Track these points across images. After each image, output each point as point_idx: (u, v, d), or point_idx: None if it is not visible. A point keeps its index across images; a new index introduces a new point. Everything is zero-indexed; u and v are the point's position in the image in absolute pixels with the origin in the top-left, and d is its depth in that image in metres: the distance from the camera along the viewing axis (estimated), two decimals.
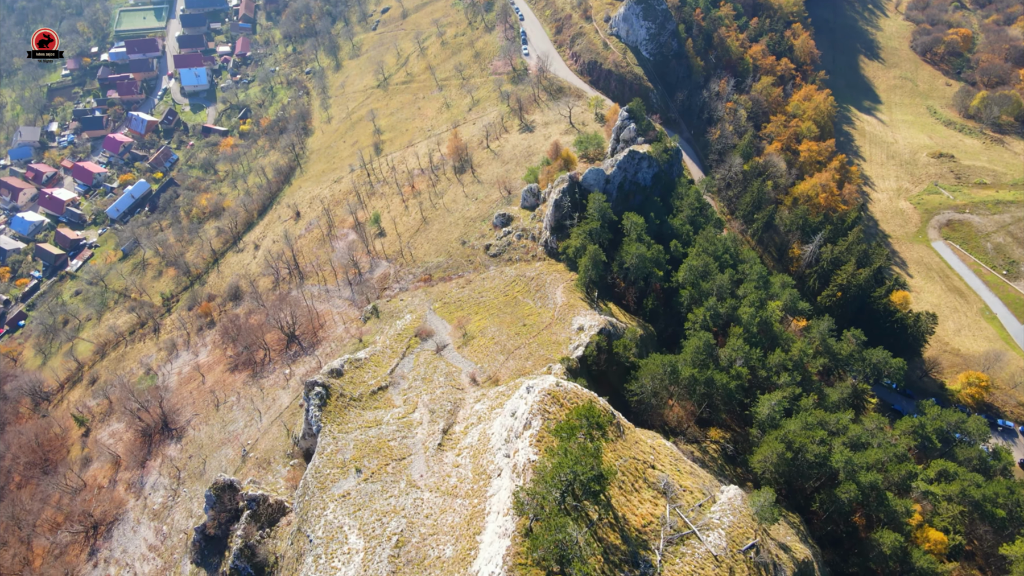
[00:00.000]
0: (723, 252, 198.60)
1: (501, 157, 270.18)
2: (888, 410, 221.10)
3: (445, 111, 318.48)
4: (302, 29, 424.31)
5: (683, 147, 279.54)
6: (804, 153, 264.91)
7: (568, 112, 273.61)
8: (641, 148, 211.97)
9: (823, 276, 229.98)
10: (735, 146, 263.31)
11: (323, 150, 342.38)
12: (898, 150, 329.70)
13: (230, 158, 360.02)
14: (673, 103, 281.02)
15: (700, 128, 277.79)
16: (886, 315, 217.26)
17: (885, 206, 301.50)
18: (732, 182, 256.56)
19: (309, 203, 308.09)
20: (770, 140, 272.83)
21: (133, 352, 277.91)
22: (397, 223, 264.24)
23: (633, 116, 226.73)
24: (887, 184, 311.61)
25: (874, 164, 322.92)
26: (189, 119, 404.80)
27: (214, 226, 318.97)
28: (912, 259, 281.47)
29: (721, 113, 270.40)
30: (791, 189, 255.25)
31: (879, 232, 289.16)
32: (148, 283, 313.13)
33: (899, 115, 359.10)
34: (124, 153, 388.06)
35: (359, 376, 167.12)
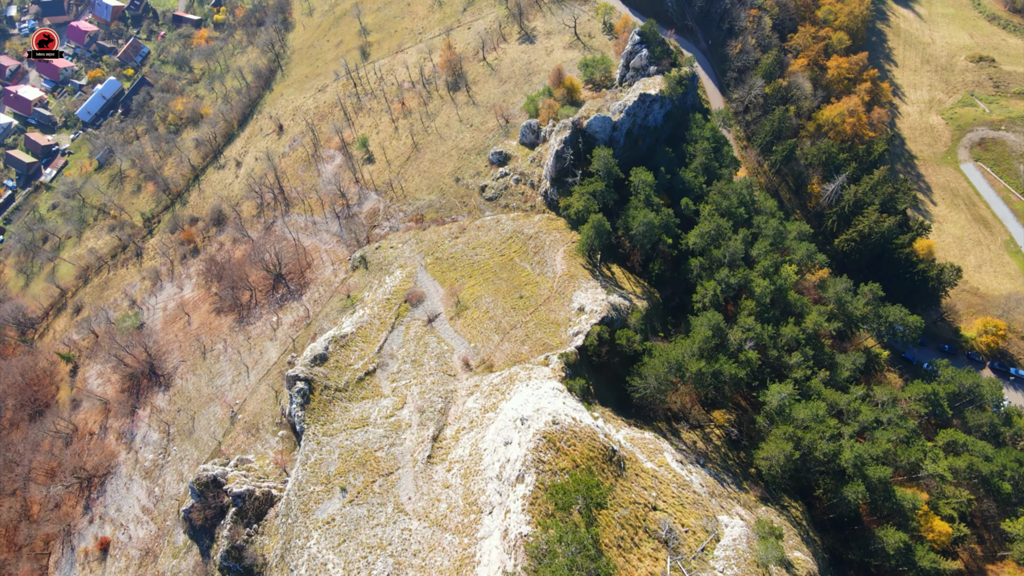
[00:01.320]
0: (738, 205, 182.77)
1: (499, 73, 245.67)
2: (900, 360, 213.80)
3: (437, 9, 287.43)
4: None
5: (699, 59, 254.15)
6: (832, 70, 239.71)
7: (573, 21, 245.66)
8: (653, 84, 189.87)
9: (843, 218, 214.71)
10: (757, 63, 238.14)
11: (305, 50, 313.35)
12: (934, 53, 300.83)
13: (205, 53, 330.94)
14: (691, 9, 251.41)
15: (719, 39, 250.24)
16: (907, 265, 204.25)
17: (915, 121, 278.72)
18: (751, 106, 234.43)
19: (292, 115, 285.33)
20: (796, 54, 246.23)
21: (116, 279, 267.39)
22: (386, 148, 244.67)
23: (645, 40, 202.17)
24: (919, 95, 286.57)
25: (907, 70, 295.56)
26: (158, 3, 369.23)
27: (192, 137, 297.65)
28: (938, 184, 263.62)
29: (743, 23, 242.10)
30: (815, 114, 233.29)
31: (905, 153, 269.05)
32: (127, 199, 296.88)
33: (939, 7, 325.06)
34: (91, 44, 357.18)
35: (345, 358, 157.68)
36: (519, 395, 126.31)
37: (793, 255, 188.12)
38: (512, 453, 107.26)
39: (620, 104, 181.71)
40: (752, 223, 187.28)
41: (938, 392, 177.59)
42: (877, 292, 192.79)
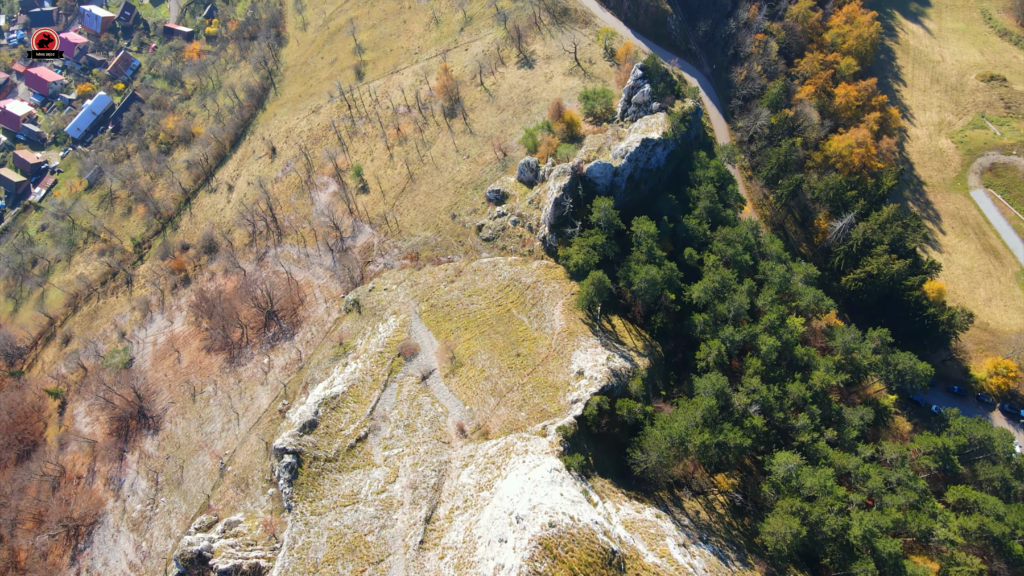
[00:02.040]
0: (743, 251, 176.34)
1: (496, 100, 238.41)
2: (908, 403, 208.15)
3: (434, 29, 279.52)
4: None
5: (703, 84, 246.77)
6: (840, 98, 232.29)
7: (573, 45, 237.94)
8: (655, 126, 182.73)
9: (850, 256, 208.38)
10: (763, 90, 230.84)
11: (299, 66, 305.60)
12: (944, 71, 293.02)
13: (197, 68, 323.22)
14: (694, 33, 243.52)
15: (724, 64, 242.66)
16: (917, 308, 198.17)
17: (924, 145, 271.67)
18: (756, 136, 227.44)
19: (285, 137, 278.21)
20: (802, 80, 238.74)
21: (106, 308, 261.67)
22: (381, 179, 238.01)
23: (648, 75, 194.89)
24: (928, 117, 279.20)
25: (916, 90, 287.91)
26: (149, 13, 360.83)
27: (184, 159, 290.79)
28: (947, 211, 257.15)
29: (749, 48, 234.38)
30: (823, 144, 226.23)
31: (914, 179, 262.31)
32: (117, 222, 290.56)
33: (949, 22, 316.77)
34: (80, 56, 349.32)
35: (335, 423, 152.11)
36: (515, 477, 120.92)
37: (800, 300, 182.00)
38: (507, 559, 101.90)
39: (622, 148, 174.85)
40: (758, 269, 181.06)
41: (948, 446, 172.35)
42: (885, 338, 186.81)
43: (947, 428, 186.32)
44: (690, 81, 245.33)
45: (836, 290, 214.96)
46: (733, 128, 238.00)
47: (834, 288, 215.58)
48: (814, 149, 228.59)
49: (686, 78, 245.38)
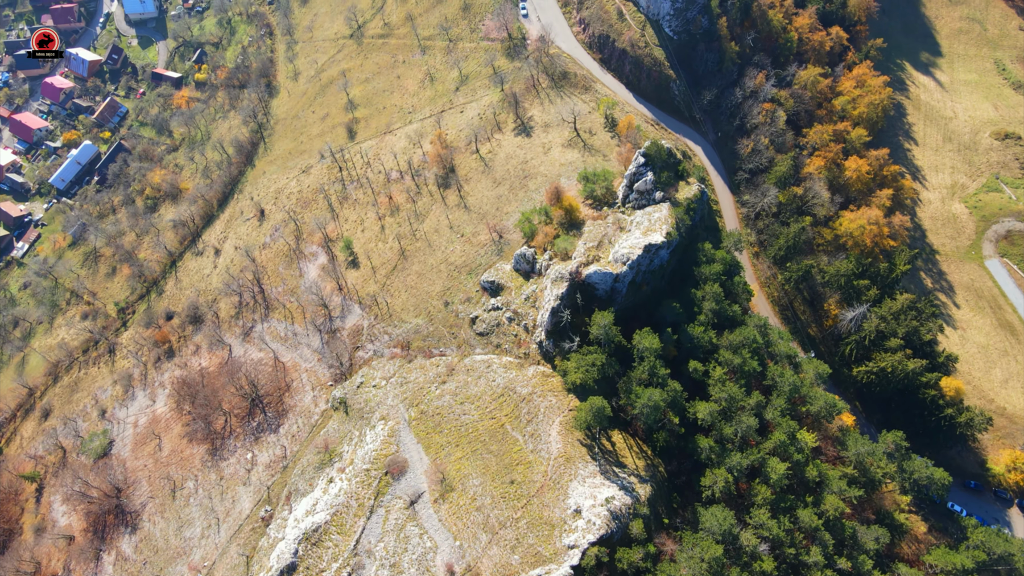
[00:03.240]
0: (751, 358, 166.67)
1: (492, 171, 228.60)
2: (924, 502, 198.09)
3: (428, 86, 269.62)
4: None
5: (707, 152, 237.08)
6: (851, 172, 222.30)
7: (573, 114, 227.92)
8: (658, 223, 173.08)
9: (862, 346, 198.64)
10: (771, 163, 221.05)
11: (290, 120, 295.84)
12: (957, 128, 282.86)
13: (185, 117, 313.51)
14: (699, 101, 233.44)
15: (730, 132, 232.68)
16: (933, 408, 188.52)
17: (936, 210, 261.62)
18: (764, 213, 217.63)
19: (274, 198, 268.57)
20: (811, 151, 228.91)
21: (87, 380, 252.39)
22: (372, 253, 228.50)
23: (650, 163, 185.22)
24: (941, 179, 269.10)
25: (927, 150, 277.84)
26: (137, 57, 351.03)
27: (170, 217, 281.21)
28: (961, 283, 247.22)
29: (756, 120, 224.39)
30: (833, 223, 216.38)
31: (926, 247, 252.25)
32: (101, 283, 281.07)
33: (961, 73, 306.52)
34: (66, 101, 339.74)
35: (316, 562, 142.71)
36: None
37: (810, 404, 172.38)
38: None
39: (623, 254, 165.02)
40: (766, 374, 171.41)
41: (966, 566, 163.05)
42: (901, 443, 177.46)
43: (965, 540, 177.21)
44: (693, 149, 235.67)
45: (847, 379, 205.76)
46: (739, 201, 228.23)
47: (844, 375, 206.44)
48: (824, 226, 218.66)
49: (691, 147, 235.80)
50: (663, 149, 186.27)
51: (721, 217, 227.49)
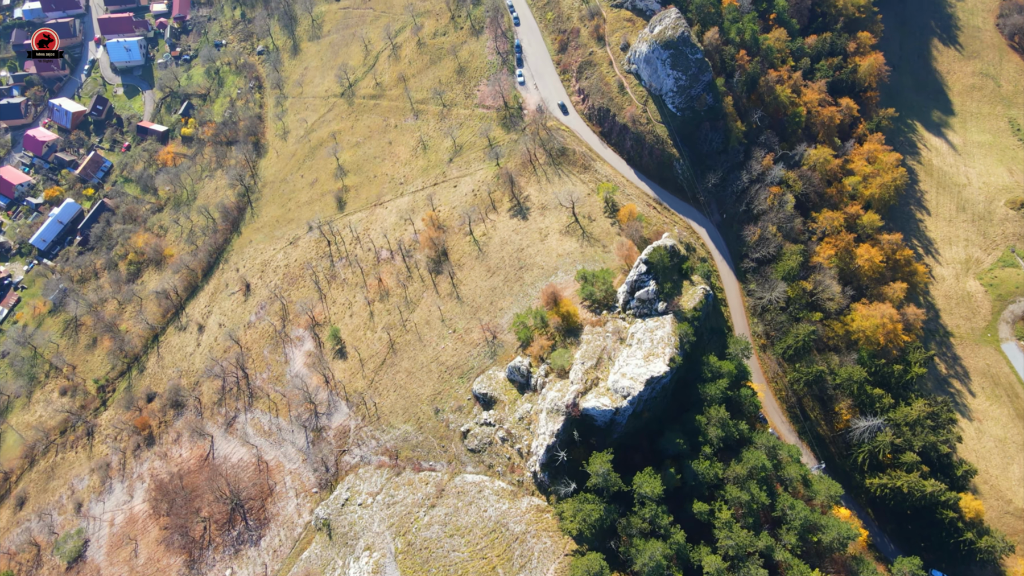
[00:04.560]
0: (760, 490, 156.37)
1: (486, 257, 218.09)
2: None
3: (421, 154, 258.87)
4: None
5: (711, 233, 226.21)
6: (863, 262, 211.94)
7: (571, 198, 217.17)
8: (660, 344, 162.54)
9: (875, 458, 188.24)
10: (779, 252, 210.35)
11: (278, 183, 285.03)
12: (971, 196, 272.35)
13: (171, 175, 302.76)
14: (703, 183, 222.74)
15: (736, 214, 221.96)
16: (951, 530, 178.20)
17: (950, 288, 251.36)
18: (771, 307, 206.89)
19: (260, 271, 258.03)
20: (821, 237, 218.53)
21: (64, 466, 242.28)
22: (360, 344, 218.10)
23: (653, 271, 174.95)
24: (954, 253, 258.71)
25: (940, 220, 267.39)
26: (123, 107, 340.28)
27: (153, 287, 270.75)
28: (976, 368, 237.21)
29: (763, 205, 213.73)
30: (844, 318, 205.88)
31: (940, 328, 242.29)
32: (80, 355, 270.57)
33: (974, 133, 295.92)
34: (49, 154, 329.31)
35: None
36: None
37: (823, 534, 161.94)
38: None
39: (623, 386, 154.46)
40: (776, 505, 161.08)
41: None
42: (917, 571, 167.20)
43: None
44: (697, 231, 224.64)
45: (859, 484, 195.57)
46: (746, 290, 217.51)
47: (856, 482, 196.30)
48: (835, 319, 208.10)
49: (694, 228, 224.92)
50: (666, 256, 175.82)
51: (726, 306, 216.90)
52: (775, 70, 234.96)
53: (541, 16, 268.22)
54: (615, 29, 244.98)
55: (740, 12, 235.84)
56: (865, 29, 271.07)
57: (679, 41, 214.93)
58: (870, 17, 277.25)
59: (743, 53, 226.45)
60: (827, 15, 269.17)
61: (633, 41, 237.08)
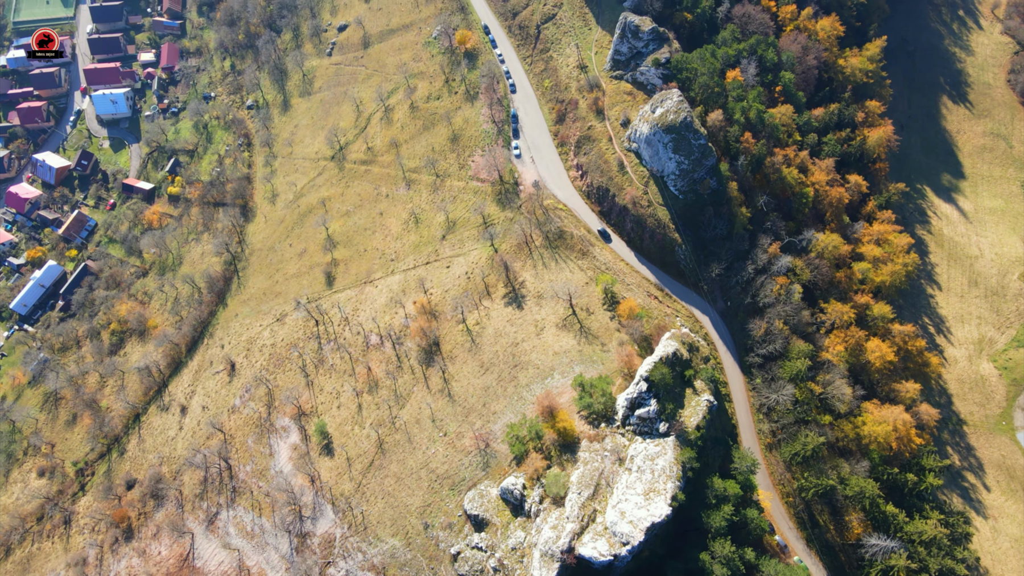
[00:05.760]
0: None
1: (480, 351, 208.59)
2: None
3: (413, 229, 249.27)
4: (241, 40, 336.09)
5: (715, 322, 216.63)
6: (874, 357, 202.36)
7: (568, 291, 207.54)
8: (662, 476, 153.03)
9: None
10: (786, 348, 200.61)
11: (265, 251, 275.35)
12: (983, 270, 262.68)
13: (157, 237, 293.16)
14: (706, 271, 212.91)
15: (741, 304, 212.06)
16: None
17: (963, 371, 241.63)
18: (777, 409, 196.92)
19: (246, 349, 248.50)
20: (830, 329, 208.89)
21: (39, 558, 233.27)
22: (347, 442, 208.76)
23: (654, 388, 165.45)
24: (967, 332, 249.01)
25: (952, 296, 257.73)
26: (108, 161, 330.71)
27: (135, 363, 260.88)
28: (991, 460, 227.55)
29: (769, 298, 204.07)
30: (855, 420, 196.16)
31: (953, 416, 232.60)
32: (60, 432, 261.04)
33: (986, 199, 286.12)
34: (32, 211, 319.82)
35: None
36: None
37: None
38: None
39: (622, 532, 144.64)
40: None
41: None
42: None
43: None
44: (700, 320, 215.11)
45: None
46: (751, 385, 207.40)
47: None
48: (845, 420, 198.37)
49: (697, 316, 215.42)
50: (668, 374, 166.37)
51: (730, 402, 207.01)
52: (781, 148, 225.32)
53: (538, 83, 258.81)
54: (615, 103, 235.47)
55: (745, 88, 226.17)
56: (873, 96, 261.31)
57: (682, 126, 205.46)
58: (878, 82, 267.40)
59: (748, 135, 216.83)
60: (834, 81, 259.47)
61: (633, 117, 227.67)
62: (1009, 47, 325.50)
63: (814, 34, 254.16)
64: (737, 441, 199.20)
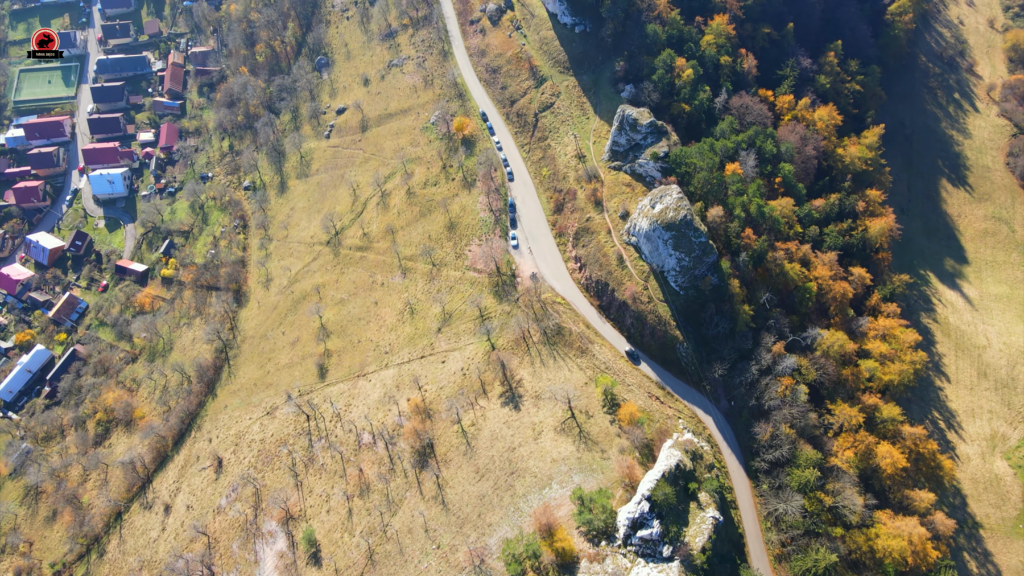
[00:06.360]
0: None
1: (475, 455, 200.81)
2: None
3: (408, 320, 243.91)
4: (240, 121, 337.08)
5: (718, 422, 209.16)
6: (886, 465, 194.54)
7: (567, 389, 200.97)
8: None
9: None
10: (793, 453, 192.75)
11: (257, 339, 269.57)
12: (992, 361, 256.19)
13: (147, 321, 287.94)
14: (709, 370, 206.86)
15: (745, 404, 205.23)
16: None
17: (976, 470, 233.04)
18: (786, 519, 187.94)
19: (234, 444, 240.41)
20: (839, 431, 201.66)
21: None
22: (336, 551, 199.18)
23: (657, 509, 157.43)
24: (979, 427, 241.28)
25: (961, 388, 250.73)
26: (103, 241, 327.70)
27: (119, 460, 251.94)
28: (1009, 567, 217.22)
29: (774, 400, 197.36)
30: (868, 531, 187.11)
31: (968, 519, 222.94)
32: (39, 528, 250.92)
33: (991, 285, 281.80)
34: (23, 293, 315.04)
35: None
36: None
37: None
38: None
39: None
40: None
41: None
42: None
43: None
44: (703, 420, 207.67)
45: None
46: (758, 490, 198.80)
47: None
48: (857, 530, 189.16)
49: (699, 416, 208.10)
50: (672, 494, 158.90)
51: (736, 508, 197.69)
52: (782, 242, 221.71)
53: (536, 171, 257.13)
54: (613, 194, 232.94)
55: (744, 181, 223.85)
56: (873, 183, 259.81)
57: (682, 224, 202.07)
58: (878, 169, 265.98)
59: (749, 231, 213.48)
60: (834, 169, 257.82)
61: (632, 210, 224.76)
62: (1006, 129, 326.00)
63: (812, 124, 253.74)
64: (744, 551, 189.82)
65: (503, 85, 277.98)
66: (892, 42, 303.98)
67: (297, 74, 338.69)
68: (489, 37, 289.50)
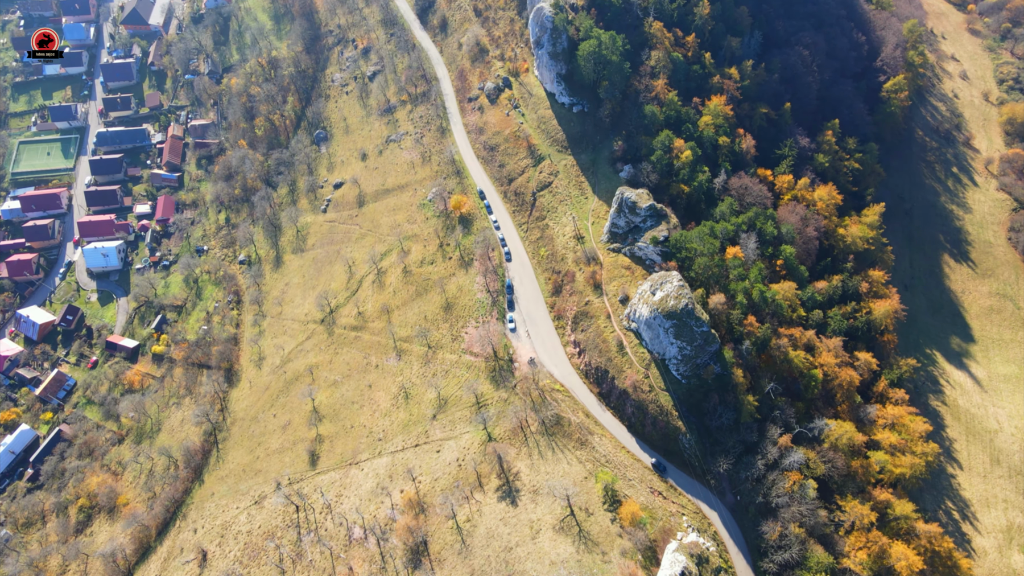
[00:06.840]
0: None
1: (470, 555, 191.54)
2: None
3: (403, 405, 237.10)
4: (237, 194, 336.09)
5: (723, 517, 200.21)
6: (901, 568, 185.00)
7: (566, 485, 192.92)
8: None
9: None
10: (803, 555, 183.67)
11: (248, 421, 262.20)
12: (1004, 446, 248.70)
13: (136, 401, 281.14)
14: (713, 464, 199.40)
15: (750, 500, 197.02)
16: None
17: (993, 564, 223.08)
18: None
19: (220, 535, 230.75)
20: (851, 528, 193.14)
21: None
22: None
23: None
24: (994, 518, 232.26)
25: (974, 476, 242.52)
26: (95, 314, 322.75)
27: (99, 551, 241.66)
28: None
29: (782, 497, 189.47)
30: None
31: None
32: None
33: (999, 364, 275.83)
34: (10, 369, 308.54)
35: None
36: None
37: None
38: None
39: None
40: None
41: None
42: None
43: None
44: (708, 516, 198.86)
45: None
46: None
47: None
48: None
49: (704, 511, 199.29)
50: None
51: None
52: (786, 327, 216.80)
53: (534, 251, 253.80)
54: (612, 277, 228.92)
55: (746, 265, 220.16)
56: (876, 263, 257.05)
57: (683, 313, 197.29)
58: (880, 248, 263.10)
59: (752, 318, 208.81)
60: (835, 249, 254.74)
61: (632, 294, 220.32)
62: (1006, 204, 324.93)
63: (812, 203, 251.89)
64: None
65: (501, 163, 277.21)
66: (888, 118, 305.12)
67: (295, 148, 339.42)
68: (487, 115, 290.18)
